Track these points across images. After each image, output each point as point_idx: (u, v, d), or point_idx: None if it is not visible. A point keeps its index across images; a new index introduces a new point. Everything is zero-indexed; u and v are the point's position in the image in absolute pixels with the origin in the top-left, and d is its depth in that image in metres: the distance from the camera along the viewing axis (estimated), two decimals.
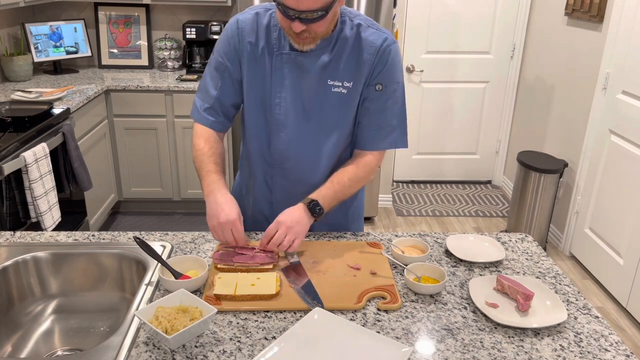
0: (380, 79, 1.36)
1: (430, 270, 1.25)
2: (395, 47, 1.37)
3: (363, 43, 1.35)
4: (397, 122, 1.41)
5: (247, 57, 1.39)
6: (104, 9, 3.77)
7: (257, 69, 1.39)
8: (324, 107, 1.38)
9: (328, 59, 1.35)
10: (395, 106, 1.40)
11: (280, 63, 1.36)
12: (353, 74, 1.36)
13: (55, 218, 2.47)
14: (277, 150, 1.43)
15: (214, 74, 1.44)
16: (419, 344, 1.05)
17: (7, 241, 1.39)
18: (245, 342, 1.05)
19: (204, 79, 1.46)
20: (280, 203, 1.45)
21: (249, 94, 1.42)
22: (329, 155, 1.43)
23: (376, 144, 1.42)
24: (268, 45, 1.37)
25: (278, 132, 1.41)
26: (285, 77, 1.37)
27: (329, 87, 1.37)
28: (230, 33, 1.40)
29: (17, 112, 2.48)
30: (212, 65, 1.44)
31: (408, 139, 1.47)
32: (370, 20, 1.39)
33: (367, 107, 1.40)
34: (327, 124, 1.40)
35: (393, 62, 1.37)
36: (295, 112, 1.39)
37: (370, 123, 1.40)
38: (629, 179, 2.78)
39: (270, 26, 1.38)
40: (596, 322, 1.14)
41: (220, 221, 1.29)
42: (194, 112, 1.48)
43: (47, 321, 1.30)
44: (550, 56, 3.62)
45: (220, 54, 1.42)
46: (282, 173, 1.46)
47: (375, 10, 3.19)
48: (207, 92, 1.45)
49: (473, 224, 3.78)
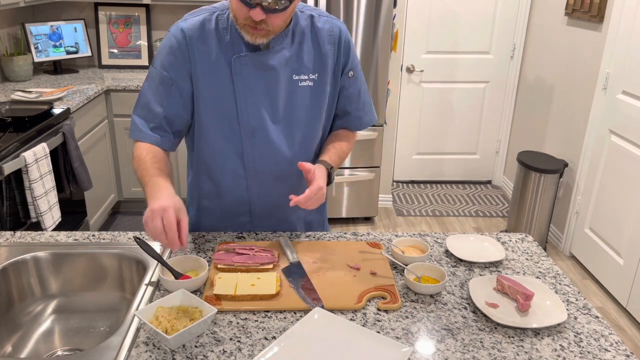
0: (350, 66, 1.42)
1: (430, 270, 1.25)
2: (347, 31, 1.42)
3: (320, 33, 1.36)
4: (368, 97, 1.51)
5: (201, 68, 1.29)
6: (104, 9, 3.77)
7: (214, 78, 1.30)
8: (294, 104, 1.36)
9: (289, 53, 1.32)
10: (364, 84, 1.49)
11: (239, 67, 1.29)
12: (317, 65, 1.36)
13: (55, 218, 2.47)
14: (251, 158, 1.37)
15: (158, 89, 1.31)
16: (419, 344, 1.05)
17: (7, 241, 1.39)
18: (245, 342, 1.05)
19: (144, 95, 1.33)
20: (259, 210, 1.46)
21: (207, 107, 1.33)
22: (305, 151, 1.42)
23: (361, 123, 1.51)
24: (222, 50, 1.29)
25: (250, 138, 1.35)
26: (248, 79, 1.30)
27: (295, 82, 1.34)
28: (176, 44, 1.29)
29: (17, 112, 2.48)
30: (155, 79, 1.31)
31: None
32: (318, 9, 1.40)
33: (346, 96, 1.45)
34: (299, 120, 1.38)
35: (352, 47, 1.43)
36: (266, 114, 1.34)
37: (354, 108, 1.47)
38: (629, 179, 2.78)
39: (219, 30, 1.30)
40: (596, 322, 1.14)
41: (152, 207, 1.11)
42: (134, 131, 1.33)
43: (47, 321, 1.30)
44: (550, 56, 3.62)
45: (164, 67, 1.30)
46: (259, 179, 1.40)
47: (375, 10, 3.19)
48: (150, 110, 1.32)
49: (473, 224, 3.78)
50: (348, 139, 1.51)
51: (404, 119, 4.18)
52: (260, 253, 1.31)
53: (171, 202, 1.13)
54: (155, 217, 1.10)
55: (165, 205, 1.11)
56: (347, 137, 1.52)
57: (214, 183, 1.43)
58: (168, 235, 1.10)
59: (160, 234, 1.10)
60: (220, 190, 1.43)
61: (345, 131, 1.52)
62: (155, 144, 1.32)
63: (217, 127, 1.35)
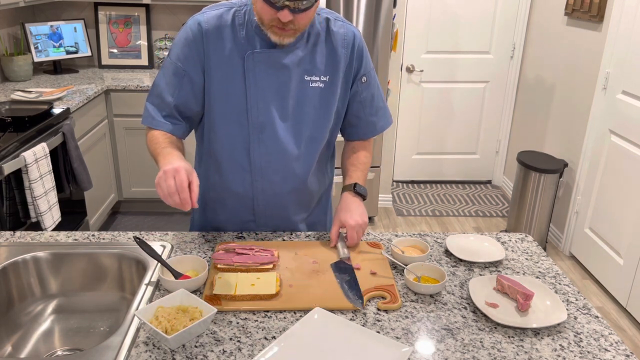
0: (363, 71, 1.42)
1: (430, 270, 1.25)
2: (361, 37, 1.43)
3: (335, 37, 1.36)
4: (382, 102, 1.51)
5: (214, 62, 1.31)
6: (104, 9, 3.77)
7: (226, 73, 1.31)
8: (304, 103, 1.37)
9: (303, 54, 1.33)
10: (378, 89, 1.49)
11: (252, 63, 1.30)
12: (329, 67, 1.37)
13: (55, 218, 2.47)
14: (259, 154, 1.37)
15: (171, 79, 1.33)
16: (418, 344, 1.05)
17: (7, 241, 1.39)
18: (245, 342, 1.05)
19: (158, 85, 1.35)
20: (263, 208, 1.45)
21: (218, 101, 1.34)
22: (311, 150, 1.42)
23: (376, 128, 1.51)
24: (236, 46, 1.30)
25: (258, 135, 1.35)
26: (260, 76, 1.31)
27: (306, 82, 1.35)
28: (191, 36, 1.31)
29: (17, 112, 2.48)
30: (170, 70, 1.34)
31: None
32: (334, 13, 1.40)
33: (360, 101, 1.45)
34: (307, 119, 1.38)
35: (366, 52, 1.43)
36: (275, 112, 1.34)
37: (367, 113, 1.48)
38: (629, 179, 2.78)
39: (235, 25, 1.31)
40: (596, 322, 1.14)
41: (165, 169, 1.13)
42: (147, 118, 1.36)
43: (47, 321, 1.30)
44: (550, 56, 3.62)
45: (179, 59, 1.32)
46: (264, 177, 1.41)
47: (375, 10, 3.19)
48: (162, 99, 1.34)
49: (473, 224, 3.79)
50: (365, 148, 1.53)
51: (404, 118, 4.18)
52: (260, 253, 1.31)
53: (183, 163, 1.15)
54: (168, 177, 1.11)
55: (177, 166, 1.13)
56: (364, 146, 1.53)
57: (220, 176, 1.44)
58: (181, 196, 1.11)
59: (173, 193, 1.11)
60: (225, 183, 1.44)
61: (360, 142, 1.53)
62: (167, 131, 1.35)
63: (227, 121, 1.36)
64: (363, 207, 1.41)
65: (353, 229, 1.36)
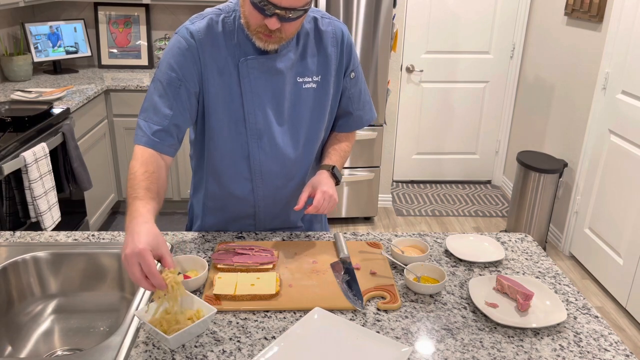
0: (351, 67, 1.44)
1: (430, 270, 1.25)
2: (349, 32, 1.44)
3: (324, 35, 1.37)
4: (368, 96, 1.53)
5: (210, 70, 1.28)
6: (103, 9, 3.77)
7: (223, 81, 1.30)
8: (299, 106, 1.37)
9: (295, 56, 1.33)
10: (364, 84, 1.51)
11: (246, 69, 1.29)
12: (320, 67, 1.37)
13: (55, 218, 2.47)
14: (258, 161, 1.37)
15: (165, 91, 1.27)
16: (418, 344, 1.05)
17: (6, 241, 1.39)
18: (245, 342, 1.05)
19: (150, 98, 1.28)
20: (264, 214, 1.46)
21: (216, 110, 1.32)
22: (308, 151, 1.43)
23: (362, 121, 1.53)
24: (230, 53, 1.29)
25: (257, 141, 1.35)
26: (256, 82, 1.30)
27: (299, 84, 1.35)
28: (186, 45, 1.27)
29: (17, 112, 2.48)
30: (163, 82, 1.27)
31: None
32: (320, 11, 1.40)
33: (348, 96, 1.47)
34: (303, 121, 1.39)
35: (353, 48, 1.44)
36: (272, 117, 1.34)
37: (355, 107, 1.49)
38: (628, 179, 2.78)
39: (226, 32, 1.29)
40: (596, 322, 1.14)
41: (126, 252, 1.00)
42: (139, 137, 1.26)
43: (46, 321, 1.30)
44: (550, 56, 3.62)
45: (173, 69, 1.27)
46: (264, 180, 1.40)
47: (375, 10, 3.19)
48: (157, 112, 1.27)
49: (473, 224, 3.79)
50: (348, 139, 1.53)
51: (403, 118, 4.18)
52: (260, 253, 1.31)
53: (145, 243, 1.00)
54: (131, 265, 0.99)
55: (141, 248, 0.99)
56: (347, 137, 1.53)
57: (220, 185, 1.43)
58: (152, 281, 1.00)
59: (139, 280, 0.99)
60: (226, 192, 1.43)
61: (344, 133, 1.53)
62: (154, 148, 1.25)
63: (225, 129, 1.34)
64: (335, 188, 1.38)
65: (323, 193, 1.31)
